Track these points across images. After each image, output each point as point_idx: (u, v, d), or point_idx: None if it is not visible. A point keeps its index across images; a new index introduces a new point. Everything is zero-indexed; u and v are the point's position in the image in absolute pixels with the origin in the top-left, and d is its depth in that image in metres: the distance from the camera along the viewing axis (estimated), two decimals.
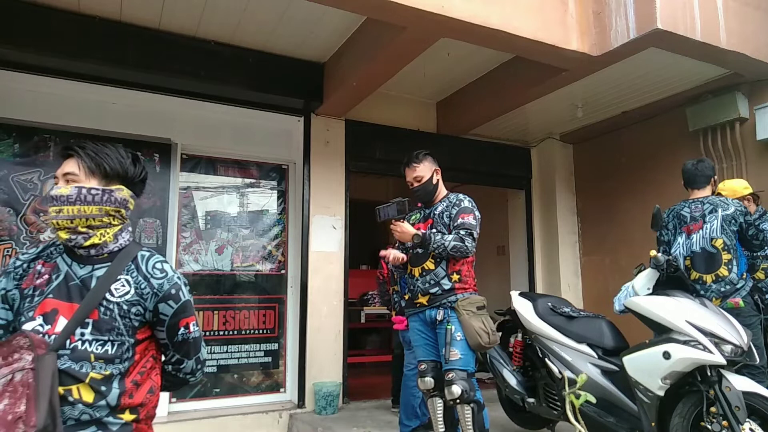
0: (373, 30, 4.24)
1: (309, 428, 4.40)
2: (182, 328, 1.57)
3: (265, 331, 5.05)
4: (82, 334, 1.42)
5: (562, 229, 6.37)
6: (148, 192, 4.63)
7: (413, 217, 3.20)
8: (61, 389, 1.37)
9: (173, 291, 1.53)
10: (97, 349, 1.43)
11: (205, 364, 1.70)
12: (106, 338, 1.44)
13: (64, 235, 1.47)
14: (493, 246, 7.34)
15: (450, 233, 2.93)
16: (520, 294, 3.97)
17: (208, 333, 4.82)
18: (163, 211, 4.72)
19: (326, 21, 4.33)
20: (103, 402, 1.44)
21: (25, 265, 1.50)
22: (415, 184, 3.10)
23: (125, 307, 1.47)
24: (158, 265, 1.54)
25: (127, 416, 1.47)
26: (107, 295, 1.46)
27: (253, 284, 5.10)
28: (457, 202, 3.05)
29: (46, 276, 1.47)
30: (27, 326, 1.41)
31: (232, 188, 5.18)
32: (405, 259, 3.00)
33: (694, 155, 4.43)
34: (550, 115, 5.87)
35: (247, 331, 4.99)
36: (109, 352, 1.44)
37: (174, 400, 4.60)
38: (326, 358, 4.97)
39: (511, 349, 3.95)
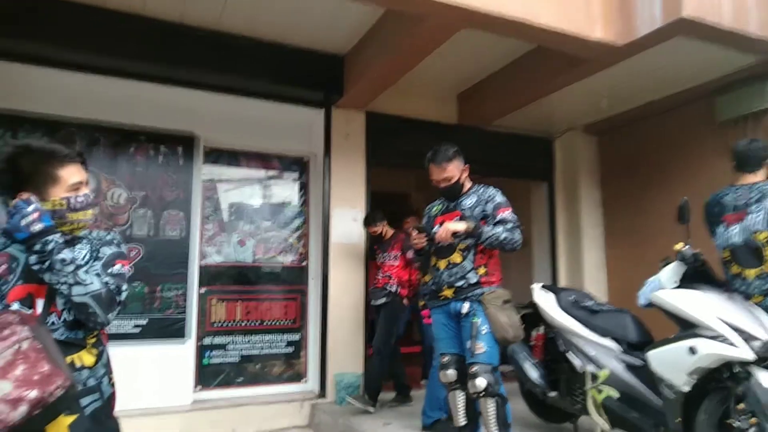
0: (392, 22, 4.21)
1: (330, 418, 4.44)
2: None
3: (287, 322, 5.11)
4: (60, 305, 1.56)
5: (585, 222, 6.28)
6: (171, 185, 4.72)
7: (434, 208, 3.19)
8: (67, 358, 1.50)
9: None
10: (72, 315, 1.58)
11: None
12: None
13: (77, 232, 1.67)
14: None
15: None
16: (542, 287, 3.93)
17: (231, 323, 4.90)
18: (187, 204, 4.79)
19: (346, 13, 4.31)
20: (100, 364, 1.60)
21: None
22: (444, 184, 3.06)
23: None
24: None
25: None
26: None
27: (275, 276, 5.15)
28: (490, 198, 3.03)
29: (5, 266, 1.54)
30: None
31: (254, 181, 5.23)
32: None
33: (721, 146, 4.32)
34: (574, 106, 5.77)
35: (270, 322, 5.05)
36: None
37: (198, 388, 4.70)
38: (347, 350, 5.00)
39: (532, 343, 3.93)
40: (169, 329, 4.58)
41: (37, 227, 1.48)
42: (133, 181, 4.62)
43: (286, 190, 5.34)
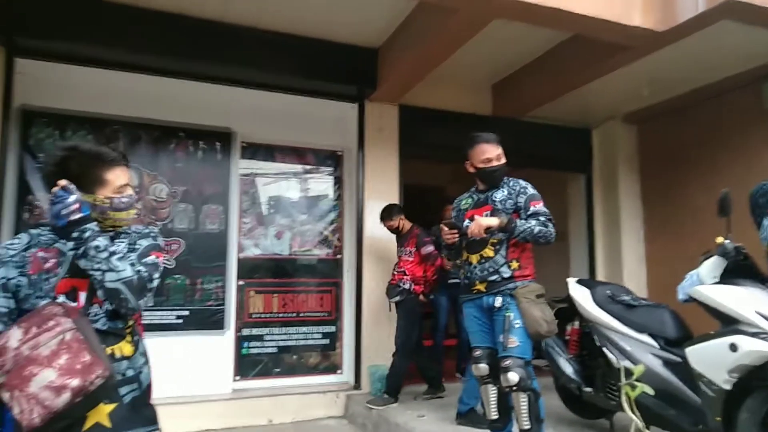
0: (425, 14, 4.20)
1: (365, 410, 4.50)
2: None
3: (322, 314, 5.19)
4: (101, 296, 1.62)
5: (624, 214, 6.13)
6: (210, 179, 4.84)
7: (464, 202, 3.18)
8: (107, 349, 1.57)
9: None
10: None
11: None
12: None
13: (118, 229, 1.76)
14: None
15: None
16: (578, 281, 3.88)
17: (269, 315, 5.02)
18: (225, 198, 4.91)
19: (379, 7, 4.32)
20: (138, 354, 1.68)
21: (20, 255, 1.62)
22: (495, 163, 2.99)
23: None
24: None
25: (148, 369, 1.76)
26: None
27: (310, 268, 5.24)
28: (522, 190, 3.00)
29: (54, 260, 1.62)
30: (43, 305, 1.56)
31: (290, 175, 5.31)
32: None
33: None
34: (613, 95, 5.63)
35: (306, 314, 5.14)
36: None
37: (237, 378, 4.83)
38: (381, 342, 5.04)
39: (567, 337, 3.88)
40: (209, 320, 4.73)
41: (76, 216, 1.55)
42: (173, 176, 4.76)
43: (321, 184, 5.41)
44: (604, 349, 3.40)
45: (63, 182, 1.58)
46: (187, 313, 4.67)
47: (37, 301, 1.58)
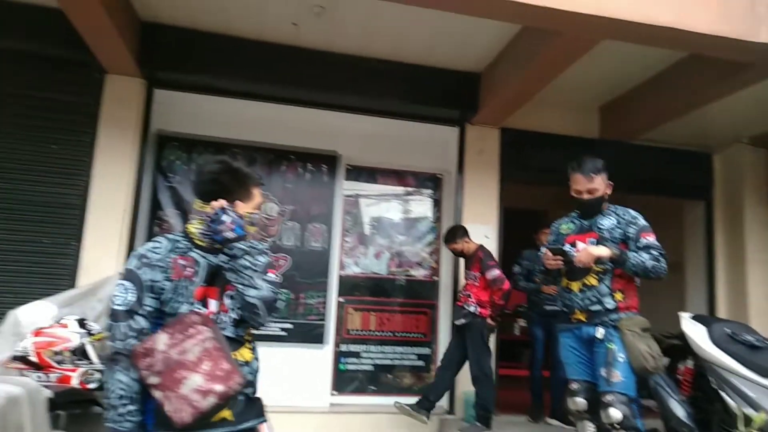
0: (529, 37, 4.18)
1: None
2: None
3: (417, 335, 5.23)
4: (231, 305, 1.79)
5: (751, 246, 5.59)
6: (316, 199, 5.11)
7: (564, 226, 3.08)
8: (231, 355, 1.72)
9: None
10: (237, 314, 1.80)
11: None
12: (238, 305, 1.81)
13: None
14: None
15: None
16: (692, 316, 3.59)
17: (366, 332, 5.15)
18: (329, 217, 5.15)
19: (483, 31, 4.37)
20: (254, 359, 1.83)
21: (165, 260, 1.75)
22: (587, 196, 2.91)
23: None
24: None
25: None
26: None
27: (407, 289, 5.31)
28: (633, 220, 2.87)
29: (192, 269, 1.76)
30: (184, 309, 1.71)
31: (390, 196, 5.46)
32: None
33: None
34: (737, 116, 5.20)
35: (401, 334, 5.20)
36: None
37: (335, 392, 4.98)
38: None
39: (679, 377, 3.59)
40: (310, 334, 4.95)
41: (231, 235, 1.73)
42: (283, 196, 5.09)
43: (420, 206, 5.49)
44: (722, 393, 3.12)
45: (221, 203, 1.75)
46: (290, 326, 4.92)
47: (177, 305, 1.72)
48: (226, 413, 1.69)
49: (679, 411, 3.42)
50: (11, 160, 4.40)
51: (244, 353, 1.80)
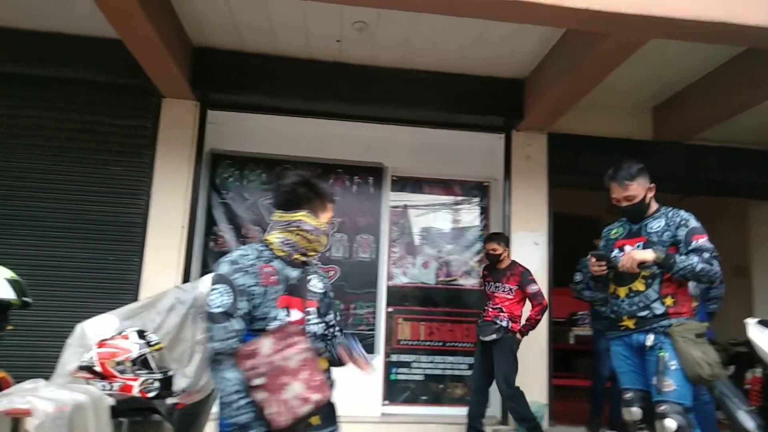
0: (574, 40, 4.12)
1: None
2: None
3: (467, 345, 5.18)
4: (310, 320, 1.90)
5: None
6: (363, 211, 5.18)
7: (614, 231, 2.99)
8: None
9: None
10: (318, 329, 1.93)
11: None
12: (320, 320, 1.96)
13: (311, 255, 1.97)
14: (727, 265, 6.32)
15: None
16: (759, 322, 3.40)
17: (416, 342, 5.16)
18: (377, 228, 5.21)
19: (525, 37, 4.34)
20: (330, 368, 1.97)
21: (254, 266, 1.82)
22: (625, 203, 2.83)
23: (325, 296, 2.02)
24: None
25: None
26: (312, 288, 1.96)
27: (456, 298, 5.29)
28: (683, 222, 2.74)
29: (275, 277, 1.85)
30: (273, 315, 1.80)
31: (437, 206, 5.47)
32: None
33: None
34: None
35: (451, 344, 5.18)
36: (323, 330, 1.98)
37: (386, 402, 5.00)
38: (529, 378, 4.85)
39: (747, 386, 3.41)
40: (361, 344, 4.98)
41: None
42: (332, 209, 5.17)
43: (467, 215, 5.47)
44: None
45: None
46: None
47: (265, 310, 1.79)
48: (314, 419, 1.79)
49: (748, 423, 3.25)
50: (78, 182, 4.70)
51: (322, 363, 1.91)
